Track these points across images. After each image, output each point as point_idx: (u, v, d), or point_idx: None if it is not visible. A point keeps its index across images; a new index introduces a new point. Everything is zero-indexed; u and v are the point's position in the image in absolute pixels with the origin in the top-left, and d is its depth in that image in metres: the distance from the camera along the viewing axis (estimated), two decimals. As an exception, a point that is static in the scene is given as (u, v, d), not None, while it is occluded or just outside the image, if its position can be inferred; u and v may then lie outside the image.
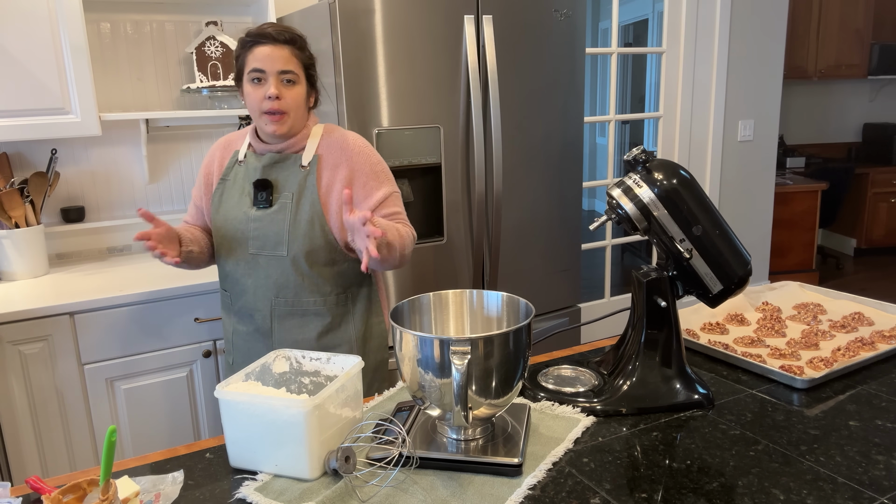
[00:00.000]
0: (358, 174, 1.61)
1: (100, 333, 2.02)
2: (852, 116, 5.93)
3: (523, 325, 1.01)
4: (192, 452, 1.12)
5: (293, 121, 1.58)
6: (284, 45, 1.55)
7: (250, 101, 1.56)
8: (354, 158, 1.61)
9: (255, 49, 1.54)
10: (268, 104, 1.53)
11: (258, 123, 1.59)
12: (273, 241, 1.60)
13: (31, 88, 2.11)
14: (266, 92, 1.52)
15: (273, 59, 1.53)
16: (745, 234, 4.17)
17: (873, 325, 1.54)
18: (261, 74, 1.53)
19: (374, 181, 1.62)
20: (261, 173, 1.62)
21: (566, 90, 2.47)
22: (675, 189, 1.17)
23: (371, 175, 1.62)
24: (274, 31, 1.55)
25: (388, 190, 1.64)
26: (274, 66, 1.53)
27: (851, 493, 0.94)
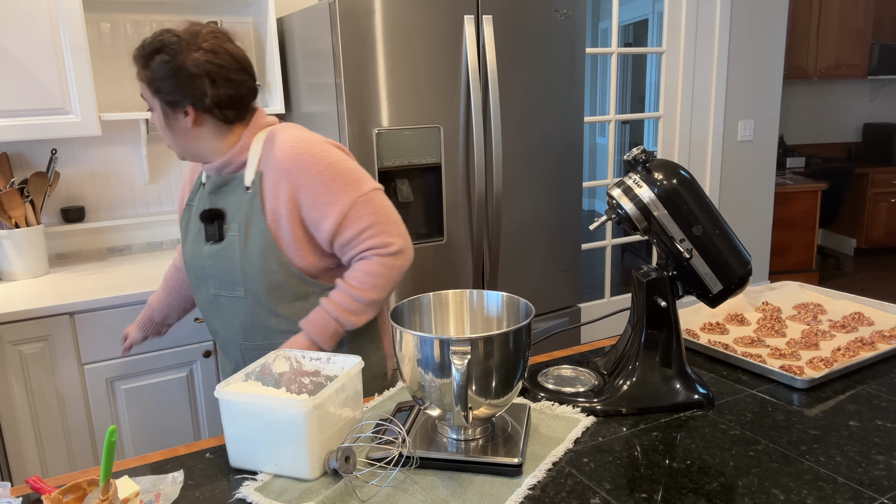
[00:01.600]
0: (303, 192, 1.31)
1: (100, 333, 2.02)
2: (852, 116, 5.93)
3: (523, 325, 1.01)
4: (192, 452, 1.12)
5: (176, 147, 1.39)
6: (138, 67, 1.34)
7: None
8: (294, 172, 1.31)
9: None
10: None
11: None
12: (229, 280, 1.37)
13: (31, 88, 2.11)
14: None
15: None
16: (745, 234, 4.17)
17: (873, 325, 1.54)
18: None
19: (326, 195, 1.31)
20: (208, 202, 1.39)
21: (566, 90, 2.47)
22: (675, 189, 1.17)
23: (320, 188, 1.31)
24: (137, 49, 1.34)
25: (347, 201, 1.32)
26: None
27: (851, 493, 0.94)
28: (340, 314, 1.35)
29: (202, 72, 1.29)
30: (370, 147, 2.13)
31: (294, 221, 1.33)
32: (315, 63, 2.25)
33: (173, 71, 1.28)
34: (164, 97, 1.32)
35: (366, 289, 1.34)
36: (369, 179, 1.37)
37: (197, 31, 1.31)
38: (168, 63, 1.28)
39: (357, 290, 1.35)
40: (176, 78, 1.29)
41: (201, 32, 1.32)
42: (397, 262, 1.37)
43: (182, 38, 1.30)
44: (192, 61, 1.29)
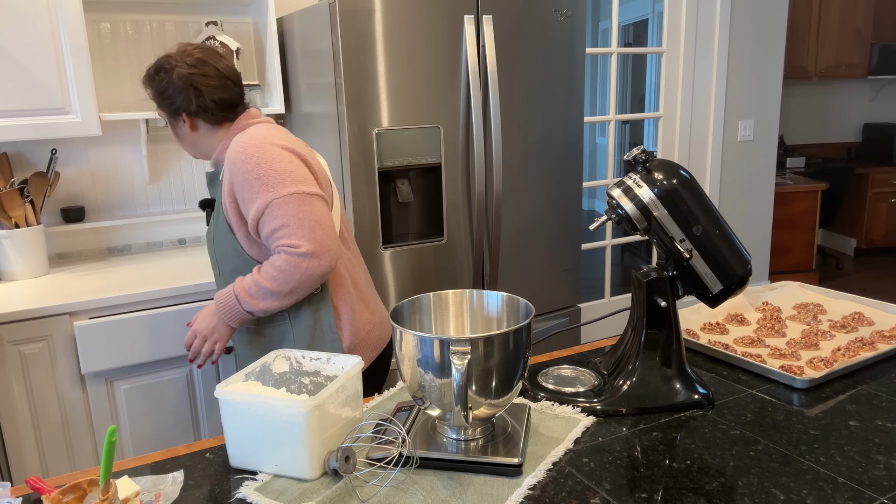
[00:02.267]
0: (236, 188, 1.46)
1: (99, 333, 2.02)
2: (852, 116, 5.93)
3: (523, 325, 1.01)
4: (192, 452, 1.12)
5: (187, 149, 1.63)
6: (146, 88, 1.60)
7: None
8: (231, 170, 1.46)
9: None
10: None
11: None
12: (211, 261, 1.65)
13: (31, 88, 2.11)
14: None
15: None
16: (745, 234, 4.17)
17: (873, 325, 1.54)
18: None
19: (249, 193, 1.43)
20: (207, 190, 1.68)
21: (566, 90, 2.47)
22: (675, 189, 1.17)
23: (245, 186, 1.43)
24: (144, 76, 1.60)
25: (262, 201, 1.41)
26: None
27: (851, 493, 0.94)
28: (241, 293, 1.47)
29: (187, 83, 1.52)
30: (370, 147, 2.13)
31: (236, 213, 1.50)
32: (315, 63, 2.25)
33: (166, 85, 1.54)
34: (167, 108, 1.57)
35: (267, 278, 1.44)
36: (296, 183, 1.42)
37: (184, 51, 1.55)
38: (163, 79, 1.54)
39: (259, 277, 1.46)
40: (169, 90, 1.54)
41: (188, 51, 1.55)
42: (304, 263, 1.41)
43: (172, 57, 1.54)
44: (177, 75, 1.52)
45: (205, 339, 1.54)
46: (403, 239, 2.31)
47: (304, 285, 1.44)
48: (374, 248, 2.21)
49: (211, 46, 1.60)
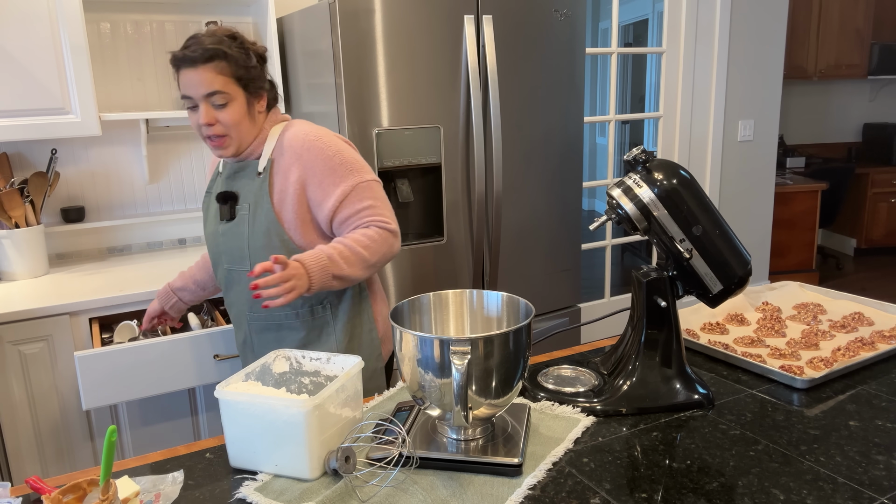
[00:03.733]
0: (311, 174, 1.46)
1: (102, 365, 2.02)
2: (852, 116, 5.93)
3: (523, 325, 1.01)
4: (192, 452, 1.12)
5: (237, 140, 1.47)
6: (207, 65, 1.40)
7: (192, 124, 1.48)
8: (305, 156, 1.46)
9: (181, 74, 1.42)
10: (206, 130, 1.44)
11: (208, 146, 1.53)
12: (238, 256, 1.53)
13: (31, 88, 2.11)
14: (198, 119, 1.43)
15: (197, 83, 1.40)
16: (745, 234, 4.17)
17: (873, 325, 1.54)
18: (190, 102, 1.43)
19: (331, 177, 1.46)
20: (224, 185, 1.55)
21: (566, 90, 2.47)
22: (675, 189, 1.17)
23: (326, 171, 1.46)
24: (193, 50, 1.39)
25: (350, 184, 1.47)
26: (199, 91, 1.41)
27: (851, 493, 0.94)
28: (334, 255, 1.41)
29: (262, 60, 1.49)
30: (370, 147, 2.13)
31: (300, 201, 1.47)
32: (315, 63, 2.25)
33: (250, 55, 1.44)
34: (252, 84, 1.45)
35: (361, 246, 1.44)
36: (371, 172, 1.53)
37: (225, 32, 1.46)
38: (246, 49, 1.44)
39: (353, 241, 1.44)
40: (255, 61, 1.45)
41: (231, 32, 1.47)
42: (390, 239, 1.49)
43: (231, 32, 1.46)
44: (256, 50, 1.47)
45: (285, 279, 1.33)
46: (403, 239, 2.31)
47: (384, 261, 1.49)
48: (374, 248, 2.21)
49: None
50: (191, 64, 1.40)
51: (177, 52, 1.42)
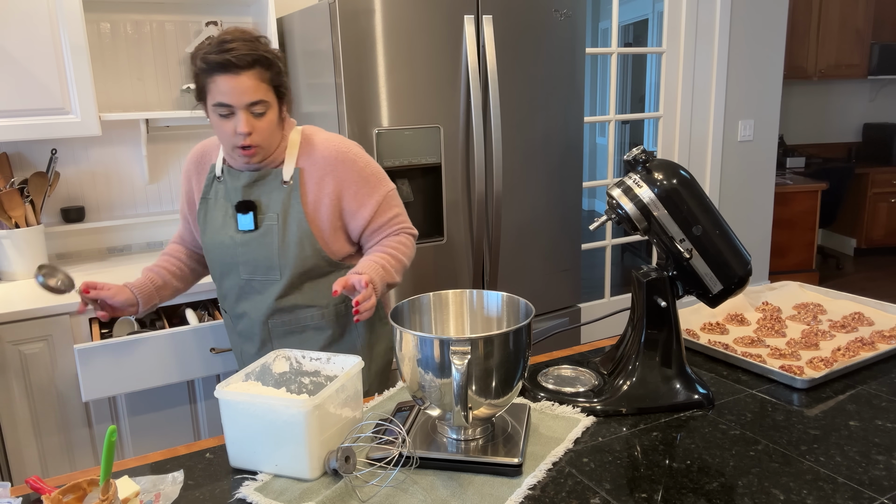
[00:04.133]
0: (346, 185, 1.49)
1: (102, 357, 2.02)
2: (852, 116, 5.93)
3: (523, 325, 1.01)
4: (192, 452, 1.12)
5: (267, 148, 1.44)
6: (249, 72, 1.34)
7: (218, 132, 1.40)
8: (339, 168, 1.49)
9: (219, 79, 1.34)
10: (239, 140, 1.38)
11: (228, 154, 1.47)
12: (264, 265, 1.49)
13: (31, 88, 2.11)
14: (236, 128, 1.36)
15: (240, 91, 1.34)
16: (745, 234, 4.17)
17: (873, 325, 1.54)
18: (227, 110, 1.36)
19: (365, 188, 1.51)
20: (241, 194, 1.49)
21: (566, 90, 2.47)
22: (675, 189, 1.17)
23: (361, 183, 1.51)
24: (236, 55, 1.32)
25: (381, 193, 1.53)
26: (241, 99, 1.34)
27: (851, 493, 0.94)
28: (385, 264, 1.47)
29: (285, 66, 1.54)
30: (370, 147, 2.13)
31: (335, 212, 1.50)
32: (315, 63, 2.25)
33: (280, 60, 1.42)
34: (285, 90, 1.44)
35: (401, 255, 1.53)
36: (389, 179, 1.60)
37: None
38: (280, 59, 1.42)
39: (394, 250, 1.52)
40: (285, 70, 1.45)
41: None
42: (414, 242, 1.61)
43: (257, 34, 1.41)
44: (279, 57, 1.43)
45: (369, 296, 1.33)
46: (403, 239, 2.31)
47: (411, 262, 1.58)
48: (374, 248, 2.21)
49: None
50: (232, 70, 1.33)
51: (214, 57, 1.33)
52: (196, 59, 1.37)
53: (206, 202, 1.55)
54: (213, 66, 1.33)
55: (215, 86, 1.34)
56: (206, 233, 1.54)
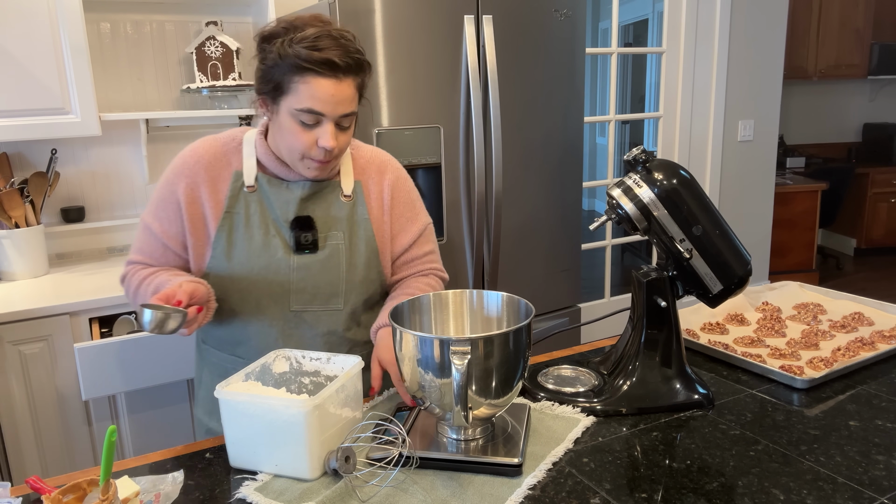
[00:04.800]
0: (396, 204, 1.36)
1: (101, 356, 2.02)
2: (852, 116, 5.93)
3: (523, 325, 1.01)
4: (192, 452, 1.12)
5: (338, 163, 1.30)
6: (349, 78, 1.16)
7: (291, 139, 1.19)
8: (396, 185, 1.36)
9: (313, 81, 1.13)
10: (320, 154, 1.20)
11: (294, 162, 1.23)
12: (326, 292, 1.28)
13: (31, 88, 2.11)
14: (320, 140, 1.18)
15: (339, 100, 1.16)
16: (745, 234, 4.17)
17: (873, 325, 1.54)
18: (315, 118, 1.16)
19: (411, 212, 1.38)
20: (297, 207, 1.26)
21: (566, 90, 2.47)
22: (675, 189, 1.17)
23: (408, 205, 1.37)
24: (340, 55, 1.13)
25: (422, 223, 1.40)
26: (338, 109, 1.17)
27: (851, 493, 0.94)
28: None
29: None
30: (370, 147, 2.13)
31: (390, 231, 1.37)
32: (315, 63, 2.25)
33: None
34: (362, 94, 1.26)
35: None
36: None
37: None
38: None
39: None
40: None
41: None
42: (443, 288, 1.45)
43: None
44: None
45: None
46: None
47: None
48: (374, 248, 2.21)
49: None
50: (337, 73, 1.14)
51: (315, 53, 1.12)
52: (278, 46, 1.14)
53: (231, 218, 1.27)
54: (311, 63, 1.12)
55: (307, 88, 1.13)
56: (235, 257, 1.26)
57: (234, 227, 1.27)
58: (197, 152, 1.29)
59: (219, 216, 1.27)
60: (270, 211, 1.27)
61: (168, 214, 1.27)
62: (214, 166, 1.28)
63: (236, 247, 1.26)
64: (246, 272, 1.26)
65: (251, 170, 1.28)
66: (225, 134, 1.33)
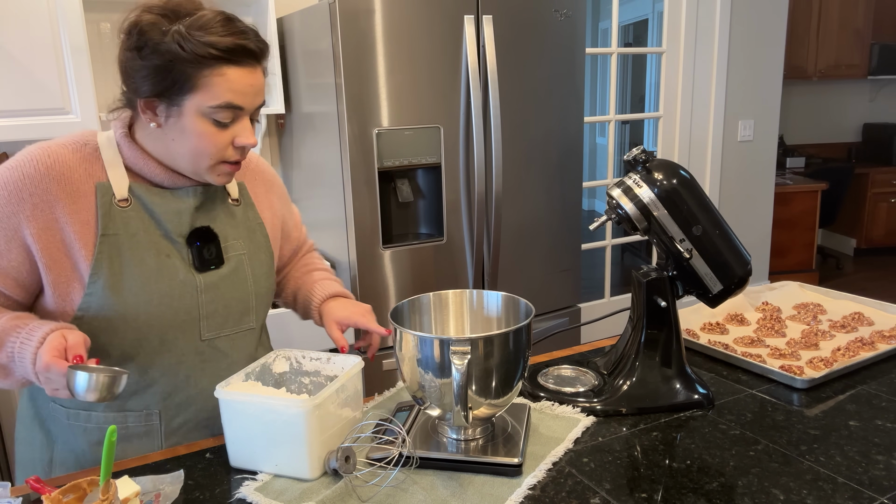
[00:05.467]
0: (280, 200, 1.29)
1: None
2: (852, 116, 5.93)
3: (523, 325, 1.01)
4: (192, 452, 1.12)
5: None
6: (260, 64, 1.04)
7: (201, 143, 1.02)
8: (275, 182, 1.29)
9: (230, 72, 0.99)
10: (236, 154, 1.05)
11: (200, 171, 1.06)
12: (237, 311, 1.15)
13: (31, 88, 2.11)
14: (239, 138, 1.04)
15: (256, 90, 1.03)
16: (745, 234, 4.17)
17: (873, 325, 1.54)
18: (233, 114, 1.02)
19: (288, 204, 1.34)
20: (191, 217, 1.10)
21: (566, 90, 2.47)
22: (675, 189, 1.17)
23: (285, 198, 1.33)
24: (252, 40, 1.01)
25: (296, 210, 1.39)
26: (255, 100, 1.04)
27: (851, 493, 0.94)
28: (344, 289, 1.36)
29: None
30: (370, 147, 2.13)
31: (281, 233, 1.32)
32: (315, 63, 2.25)
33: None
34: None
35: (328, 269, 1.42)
36: None
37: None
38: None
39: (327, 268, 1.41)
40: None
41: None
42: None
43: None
44: None
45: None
46: (403, 239, 2.31)
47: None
48: (375, 248, 2.21)
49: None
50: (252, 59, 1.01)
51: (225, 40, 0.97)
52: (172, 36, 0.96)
53: (109, 241, 1.04)
54: (225, 52, 0.98)
55: (223, 81, 0.99)
56: (125, 289, 1.04)
57: (115, 253, 1.04)
58: (42, 162, 1.04)
59: (91, 242, 1.04)
60: (158, 226, 1.08)
61: (20, 248, 1.02)
62: (69, 179, 1.04)
63: (125, 276, 1.04)
64: (142, 305, 1.05)
65: (121, 180, 1.06)
66: (68, 139, 1.10)
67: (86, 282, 1.03)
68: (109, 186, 1.06)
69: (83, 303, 1.04)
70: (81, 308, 1.04)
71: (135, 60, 0.99)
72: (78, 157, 1.06)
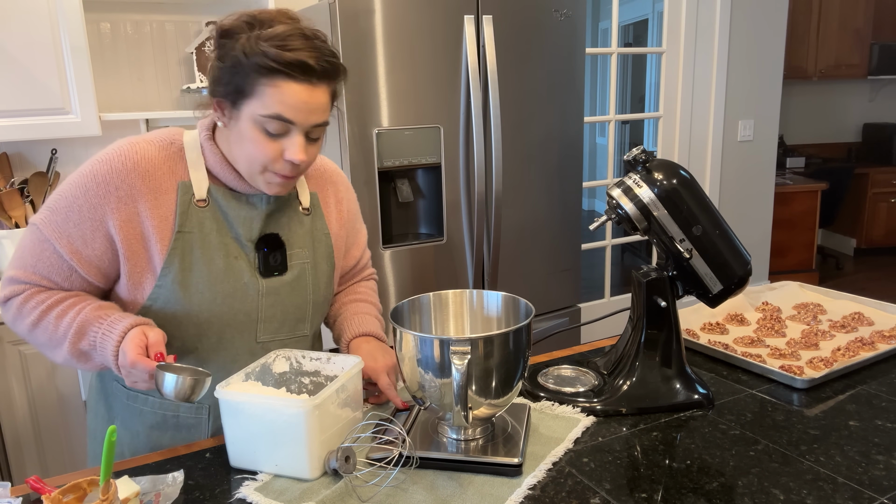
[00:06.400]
0: (349, 215, 1.30)
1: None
2: (852, 116, 5.93)
3: (523, 325, 1.01)
4: (192, 452, 1.12)
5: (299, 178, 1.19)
6: (326, 83, 1.03)
7: (252, 149, 1.04)
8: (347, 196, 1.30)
9: (284, 85, 0.99)
10: (285, 168, 1.06)
11: (252, 176, 1.08)
12: (293, 318, 1.19)
13: (31, 88, 2.11)
14: (287, 152, 1.04)
15: (310, 108, 1.02)
16: (745, 234, 4.17)
17: (873, 325, 1.54)
18: (284, 127, 1.03)
19: (359, 222, 1.35)
20: (262, 224, 1.14)
21: (566, 90, 2.47)
22: (675, 189, 1.17)
23: (357, 215, 1.33)
24: (315, 57, 1.00)
25: (365, 231, 1.39)
26: (309, 118, 1.03)
27: (851, 493, 0.94)
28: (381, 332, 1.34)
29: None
30: (370, 147, 2.13)
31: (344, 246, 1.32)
32: (315, 63, 2.25)
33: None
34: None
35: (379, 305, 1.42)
36: None
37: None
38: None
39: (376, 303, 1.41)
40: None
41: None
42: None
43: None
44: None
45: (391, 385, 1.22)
46: (403, 239, 2.31)
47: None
48: (375, 248, 2.21)
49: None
50: (309, 78, 1.01)
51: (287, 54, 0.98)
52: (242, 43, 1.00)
53: (184, 238, 1.09)
54: (282, 64, 0.98)
55: (276, 92, 0.99)
56: (192, 285, 1.09)
57: (188, 250, 1.09)
58: (129, 158, 1.07)
59: (167, 237, 1.08)
60: (230, 229, 1.12)
61: (83, 233, 1.06)
62: (154, 176, 1.08)
63: (194, 273, 1.09)
64: (206, 302, 1.10)
65: (202, 181, 1.10)
66: (156, 136, 1.12)
67: (157, 274, 1.09)
68: (190, 186, 1.10)
69: (152, 294, 1.09)
70: (150, 298, 1.09)
71: (215, 61, 1.05)
72: (164, 154, 1.10)
